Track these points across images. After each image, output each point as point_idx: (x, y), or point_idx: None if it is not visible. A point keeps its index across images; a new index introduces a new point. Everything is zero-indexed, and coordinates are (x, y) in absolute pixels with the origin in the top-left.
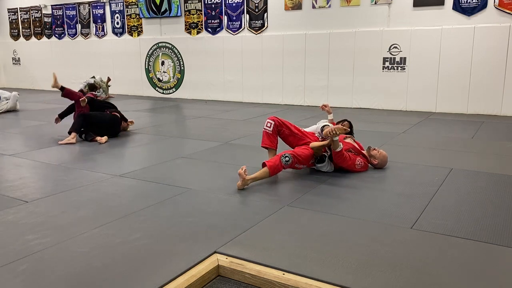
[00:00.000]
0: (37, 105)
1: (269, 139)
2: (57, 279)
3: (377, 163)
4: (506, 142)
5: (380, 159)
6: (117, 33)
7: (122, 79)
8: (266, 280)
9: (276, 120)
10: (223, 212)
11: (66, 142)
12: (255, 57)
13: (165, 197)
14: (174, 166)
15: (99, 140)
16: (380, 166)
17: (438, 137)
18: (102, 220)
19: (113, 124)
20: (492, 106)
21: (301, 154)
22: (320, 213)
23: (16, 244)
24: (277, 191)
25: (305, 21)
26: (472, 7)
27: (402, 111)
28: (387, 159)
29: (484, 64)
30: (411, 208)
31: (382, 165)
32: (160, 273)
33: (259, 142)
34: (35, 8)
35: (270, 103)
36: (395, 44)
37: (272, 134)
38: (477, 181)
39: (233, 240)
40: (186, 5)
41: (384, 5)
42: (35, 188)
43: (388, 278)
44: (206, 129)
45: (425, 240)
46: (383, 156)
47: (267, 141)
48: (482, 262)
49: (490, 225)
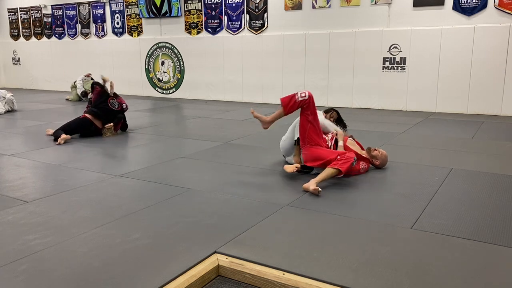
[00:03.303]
0: (37, 105)
1: (290, 103)
2: (57, 279)
3: (379, 163)
4: (506, 142)
5: (382, 159)
6: (117, 33)
7: (122, 79)
8: (266, 280)
9: (311, 99)
10: (223, 212)
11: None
12: (255, 57)
13: (165, 197)
14: (174, 166)
15: (59, 140)
16: (381, 166)
17: (438, 137)
18: (102, 220)
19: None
20: (492, 106)
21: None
22: (320, 213)
23: (16, 244)
24: (277, 191)
25: (305, 21)
26: (472, 7)
27: (402, 111)
28: (387, 159)
29: (484, 64)
30: (411, 208)
31: (383, 164)
32: (160, 273)
33: (259, 142)
34: (35, 8)
35: (270, 103)
36: (395, 44)
37: (296, 103)
38: (477, 181)
39: (233, 240)
40: (186, 5)
41: (384, 5)
42: (35, 188)
43: (388, 278)
44: (206, 129)
45: (425, 240)
46: (384, 156)
47: (286, 100)
48: (482, 262)
49: (490, 225)
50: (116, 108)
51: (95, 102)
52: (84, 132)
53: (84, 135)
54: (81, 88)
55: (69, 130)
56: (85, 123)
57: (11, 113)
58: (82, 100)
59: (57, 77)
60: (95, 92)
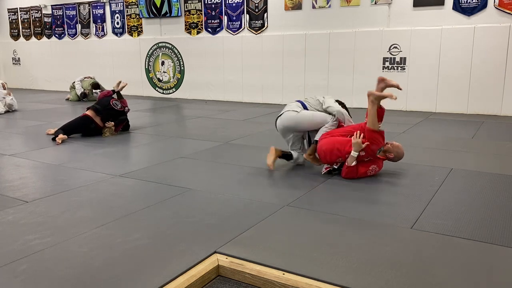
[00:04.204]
0: (37, 105)
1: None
2: (57, 279)
3: (393, 156)
4: (506, 142)
5: (395, 152)
6: (117, 33)
7: (122, 79)
8: (266, 280)
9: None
10: (223, 212)
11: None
12: (255, 57)
13: (165, 197)
14: (174, 166)
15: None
16: (397, 158)
17: (438, 137)
18: (102, 220)
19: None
20: (492, 106)
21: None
22: (320, 213)
23: (16, 244)
24: (277, 191)
25: (305, 21)
26: (472, 7)
27: (402, 111)
28: (402, 149)
29: (484, 64)
30: (411, 208)
31: (399, 156)
32: (160, 273)
33: (259, 142)
34: (35, 8)
35: (270, 103)
36: (395, 44)
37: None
38: (477, 181)
39: (233, 240)
40: (186, 5)
41: (384, 5)
42: (35, 188)
43: (388, 278)
44: (206, 129)
45: (425, 240)
46: (397, 147)
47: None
48: (482, 262)
49: (490, 225)
50: (117, 109)
51: (99, 100)
52: (84, 131)
53: (85, 134)
54: (80, 89)
55: (69, 130)
56: (85, 121)
57: (11, 113)
58: (82, 100)
59: (57, 77)
60: (103, 93)
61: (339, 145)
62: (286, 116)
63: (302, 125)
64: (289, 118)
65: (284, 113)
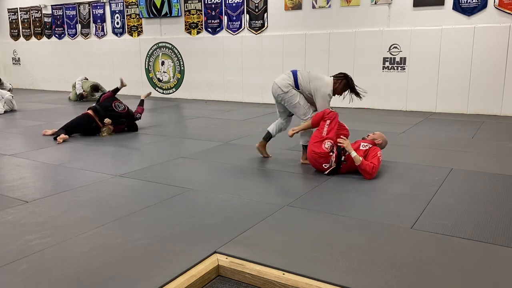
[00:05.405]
0: (37, 105)
1: (318, 122)
2: (57, 279)
3: (381, 142)
4: (506, 142)
5: (379, 136)
6: (117, 33)
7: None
8: (266, 280)
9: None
10: (223, 212)
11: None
12: (255, 57)
13: (165, 197)
14: (174, 166)
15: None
16: (384, 143)
17: (438, 137)
18: (102, 220)
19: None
20: (492, 106)
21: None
22: (320, 213)
23: (16, 244)
24: (277, 191)
25: (305, 21)
26: (472, 7)
27: (402, 111)
28: (382, 134)
29: (484, 64)
30: (411, 208)
31: (384, 141)
32: (160, 273)
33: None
34: (35, 8)
35: (270, 103)
36: (395, 44)
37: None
38: (477, 181)
39: (233, 240)
40: (186, 5)
41: (384, 5)
42: (35, 188)
43: (388, 278)
44: (206, 129)
45: (425, 240)
46: (378, 134)
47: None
48: (482, 262)
49: (490, 225)
50: (119, 111)
51: (102, 101)
52: (85, 130)
53: (86, 134)
54: (80, 89)
55: (70, 129)
56: (86, 119)
57: (11, 113)
58: (82, 100)
59: (57, 77)
60: (106, 95)
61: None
62: (274, 88)
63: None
64: (275, 91)
65: (275, 82)
